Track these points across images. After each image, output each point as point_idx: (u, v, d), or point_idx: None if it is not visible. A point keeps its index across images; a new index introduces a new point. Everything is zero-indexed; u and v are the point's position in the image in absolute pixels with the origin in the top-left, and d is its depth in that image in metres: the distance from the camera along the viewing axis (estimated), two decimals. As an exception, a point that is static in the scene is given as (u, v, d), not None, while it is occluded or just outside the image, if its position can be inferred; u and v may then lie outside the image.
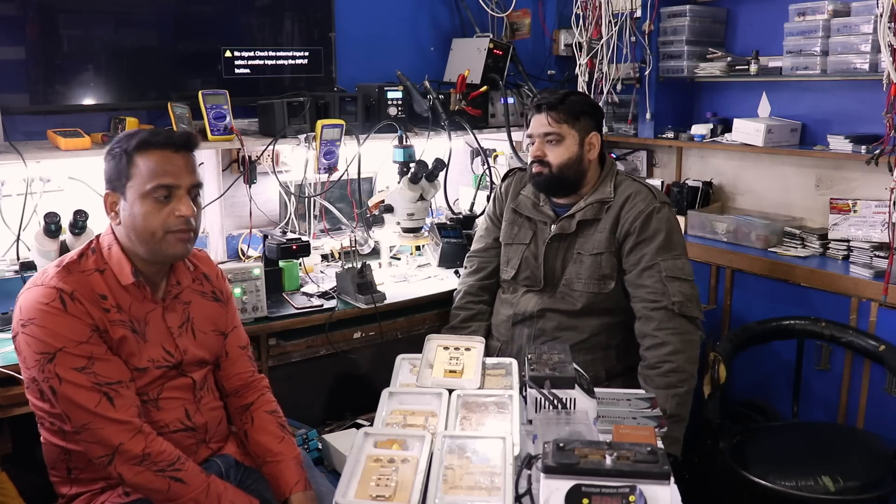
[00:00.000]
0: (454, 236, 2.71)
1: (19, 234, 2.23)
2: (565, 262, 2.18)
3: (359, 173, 2.64)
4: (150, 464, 1.46)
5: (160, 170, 1.49)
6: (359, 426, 1.99)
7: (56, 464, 1.60)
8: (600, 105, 2.68)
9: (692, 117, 3.17)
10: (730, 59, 2.91)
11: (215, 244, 2.67)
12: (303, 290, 2.46)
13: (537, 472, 1.16)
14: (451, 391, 1.62)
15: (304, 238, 2.50)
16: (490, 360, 1.80)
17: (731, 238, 2.85)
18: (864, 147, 2.46)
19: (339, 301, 2.37)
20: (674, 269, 2.06)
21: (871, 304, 2.38)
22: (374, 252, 2.79)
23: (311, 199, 2.74)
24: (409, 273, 2.67)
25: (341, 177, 2.61)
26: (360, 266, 2.38)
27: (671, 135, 3.08)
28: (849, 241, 2.57)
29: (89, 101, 2.37)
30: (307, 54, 2.76)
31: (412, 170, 2.54)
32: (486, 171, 2.91)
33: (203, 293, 1.71)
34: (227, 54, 2.58)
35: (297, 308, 2.28)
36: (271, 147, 2.48)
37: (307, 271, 2.58)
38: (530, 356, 1.53)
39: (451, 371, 1.71)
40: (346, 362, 2.38)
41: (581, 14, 3.10)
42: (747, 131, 2.78)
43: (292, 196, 2.72)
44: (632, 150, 3.37)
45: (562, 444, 1.15)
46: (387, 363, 1.82)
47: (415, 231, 2.63)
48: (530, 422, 1.44)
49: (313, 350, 2.28)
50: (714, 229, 2.90)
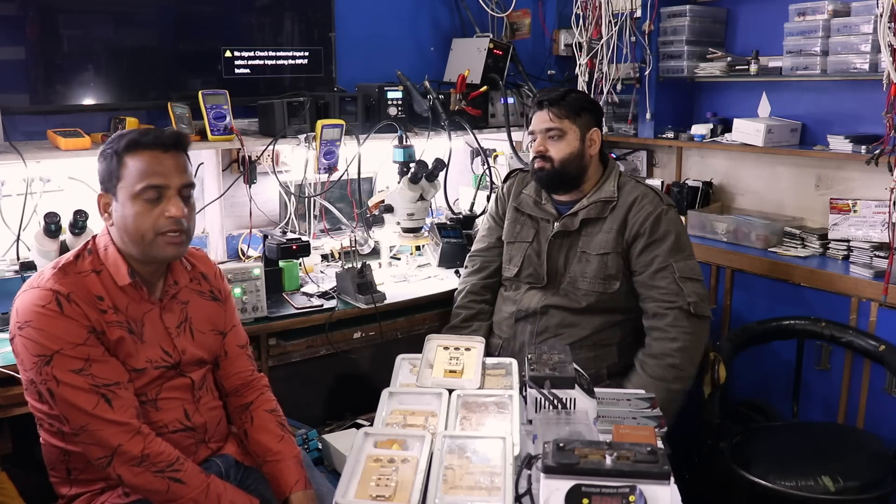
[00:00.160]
0: (454, 236, 2.71)
1: (19, 234, 2.23)
2: (568, 259, 2.19)
3: (359, 173, 2.64)
4: (150, 465, 1.46)
5: (149, 170, 1.49)
6: (359, 426, 2.00)
7: (56, 465, 1.59)
8: (600, 104, 2.69)
9: (692, 117, 3.17)
10: (730, 59, 2.91)
11: (215, 244, 2.67)
12: (303, 290, 2.46)
13: (537, 472, 1.16)
14: (451, 391, 1.62)
15: (304, 238, 2.50)
16: (490, 360, 1.80)
17: (731, 238, 2.85)
18: (864, 147, 2.46)
19: (339, 301, 2.37)
20: (686, 269, 2.10)
21: (871, 304, 2.38)
22: (374, 252, 2.79)
23: (311, 199, 2.74)
24: (409, 273, 2.67)
25: (341, 177, 2.61)
26: (360, 266, 2.38)
27: (671, 135, 3.08)
28: (849, 241, 2.57)
29: (89, 101, 2.38)
30: (307, 54, 2.76)
31: (412, 170, 2.54)
32: (486, 171, 2.91)
33: (201, 292, 1.71)
34: (227, 54, 2.58)
35: (297, 308, 2.28)
36: (271, 147, 2.48)
37: (307, 271, 2.58)
38: (530, 356, 1.53)
39: (451, 371, 1.71)
40: (346, 362, 2.38)
41: (581, 14, 3.10)
42: (747, 131, 2.78)
43: (292, 196, 2.72)
44: (632, 150, 3.37)
45: (562, 444, 1.15)
46: (387, 363, 1.82)
47: (415, 231, 2.63)
48: (530, 422, 1.44)
49: (313, 350, 2.28)
50: (714, 229, 2.90)
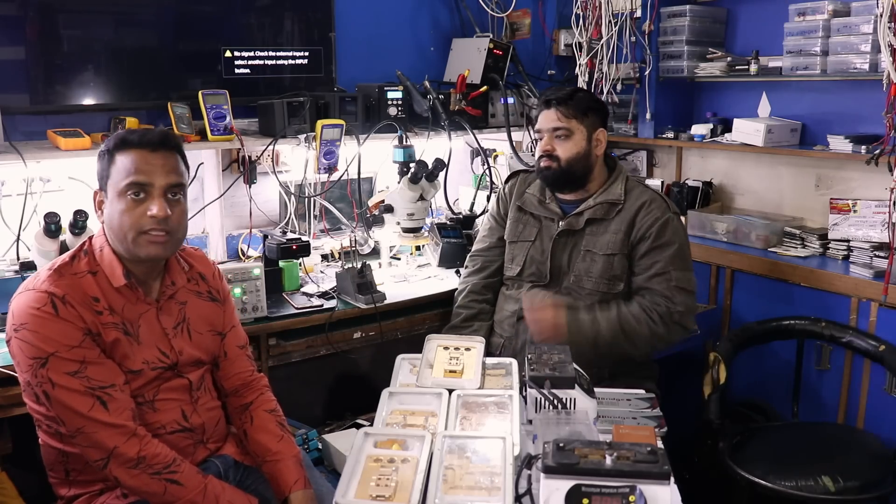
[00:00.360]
0: (454, 236, 2.71)
1: (19, 234, 2.23)
2: (572, 258, 2.20)
3: (359, 173, 2.64)
4: (146, 467, 1.46)
5: (134, 168, 1.49)
6: (359, 426, 1.99)
7: (54, 466, 1.59)
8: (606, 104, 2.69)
9: (692, 117, 3.17)
10: (730, 59, 2.91)
11: (215, 244, 2.67)
12: (303, 290, 2.46)
13: (537, 472, 1.16)
14: (451, 391, 1.62)
15: (304, 238, 2.50)
16: (490, 360, 1.81)
17: (731, 238, 2.85)
18: (864, 147, 2.46)
19: (339, 301, 2.37)
20: (683, 280, 2.12)
21: (871, 304, 2.38)
22: (374, 252, 2.79)
23: (311, 199, 2.74)
24: (409, 273, 2.67)
25: (341, 177, 2.61)
26: (360, 266, 2.38)
27: (671, 135, 3.08)
28: (849, 241, 2.57)
29: (89, 101, 2.37)
30: (307, 54, 2.76)
31: (412, 170, 2.54)
32: (486, 171, 2.91)
33: (198, 293, 1.70)
34: (227, 54, 2.58)
35: (297, 308, 2.28)
36: (271, 147, 2.48)
37: (307, 271, 2.58)
38: (530, 356, 1.53)
39: (451, 371, 1.71)
40: (346, 362, 2.38)
41: (581, 14, 3.10)
42: (747, 131, 2.78)
43: (292, 196, 2.72)
44: (632, 150, 3.37)
45: (562, 444, 1.15)
46: (387, 363, 1.82)
47: (415, 231, 2.63)
48: (530, 422, 1.44)
49: (313, 350, 2.28)
50: (714, 229, 2.90)
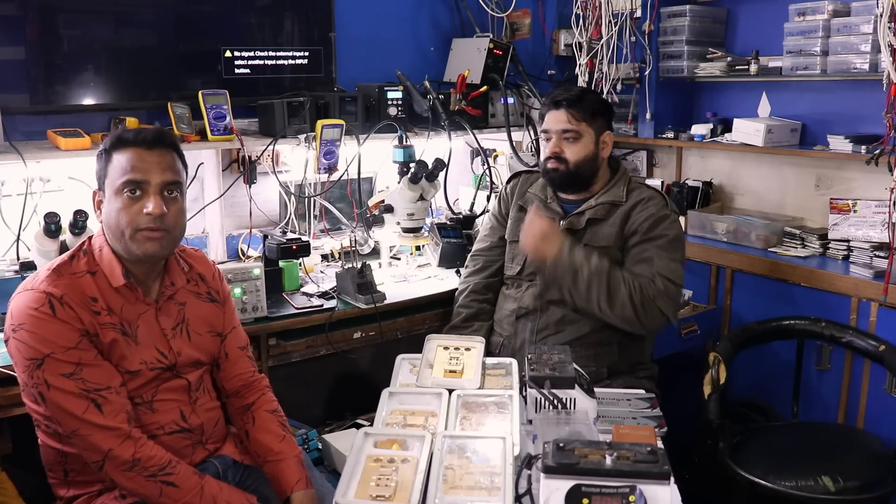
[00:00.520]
0: (454, 236, 2.71)
1: (19, 234, 2.23)
2: None
3: (359, 173, 2.64)
4: (141, 469, 1.46)
5: (129, 166, 1.50)
6: (359, 426, 2.00)
7: (53, 466, 1.59)
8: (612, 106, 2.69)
9: (692, 117, 3.17)
10: (730, 59, 2.91)
11: (215, 244, 2.67)
12: (303, 290, 2.46)
13: (537, 472, 1.16)
14: (451, 391, 1.62)
15: (304, 238, 2.50)
16: (490, 360, 1.81)
17: (731, 238, 2.85)
18: (864, 147, 2.46)
19: (339, 301, 2.37)
20: (668, 269, 2.09)
21: (871, 304, 2.38)
22: (374, 252, 2.79)
23: (311, 199, 2.74)
24: (409, 273, 2.67)
25: (341, 177, 2.61)
26: (360, 266, 2.38)
27: (671, 135, 3.08)
28: (849, 241, 2.57)
29: (89, 101, 2.37)
30: (307, 54, 2.76)
31: (412, 170, 2.54)
32: (486, 171, 2.91)
33: (198, 294, 1.70)
34: (227, 54, 2.58)
35: (297, 308, 2.28)
36: (271, 147, 2.47)
37: (307, 271, 2.58)
38: (530, 356, 1.53)
39: (451, 371, 1.71)
40: (346, 362, 2.38)
41: (581, 14, 3.10)
42: (747, 131, 2.78)
43: (292, 196, 2.72)
44: (632, 150, 3.37)
45: (562, 444, 1.15)
46: (387, 363, 1.82)
47: (415, 231, 2.62)
48: (530, 422, 1.44)
49: (313, 350, 2.28)
50: (714, 229, 2.90)
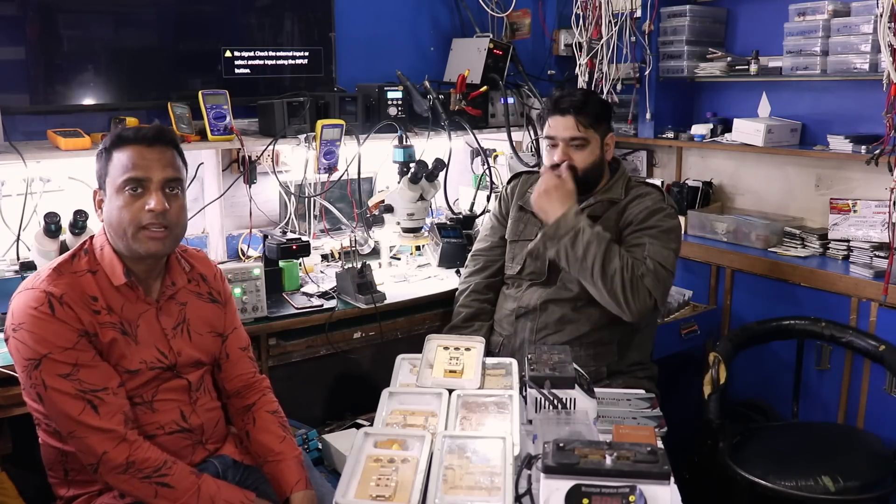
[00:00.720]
0: (454, 236, 2.71)
1: (19, 234, 2.23)
2: None
3: (359, 173, 2.64)
4: (135, 471, 1.46)
5: (130, 164, 1.50)
6: (359, 426, 2.00)
7: (53, 465, 1.59)
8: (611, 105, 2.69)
9: (692, 117, 3.17)
10: (730, 59, 2.91)
11: (215, 244, 2.67)
12: (303, 290, 2.46)
13: (537, 472, 1.16)
14: (451, 391, 1.62)
15: (304, 238, 2.50)
16: (490, 360, 1.81)
17: (731, 238, 2.85)
18: (864, 147, 2.46)
19: (339, 301, 2.37)
20: (658, 254, 2.07)
21: (871, 304, 2.38)
22: (374, 252, 2.79)
23: (311, 199, 2.74)
24: (409, 273, 2.67)
25: (341, 177, 2.61)
26: (360, 266, 2.38)
27: (671, 135, 3.08)
28: (849, 241, 2.57)
29: (89, 101, 2.37)
30: (307, 54, 2.76)
31: (412, 170, 2.54)
32: (486, 171, 2.91)
33: (199, 294, 1.70)
34: (227, 54, 2.58)
35: (297, 308, 2.28)
36: (271, 147, 2.47)
37: (307, 271, 2.58)
38: (530, 356, 1.53)
39: (451, 371, 1.71)
40: (346, 362, 2.38)
41: (581, 14, 3.10)
42: (747, 131, 2.78)
43: (292, 196, 2.72)
44: (632, 150, 3.37)
45: (562, 444, 1.15)
46: (387, 363, 1.82)
47: (415, 231, 2.62)
48: (530, 422, 1.45)
49: (313, 350, 2.28)
50: (714, 229, 2.90)
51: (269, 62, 2.68)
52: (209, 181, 2.62)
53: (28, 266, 2.15)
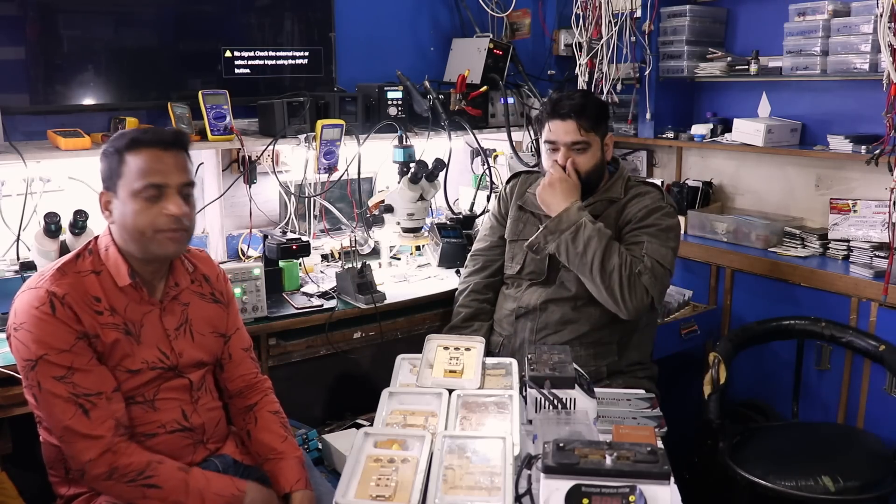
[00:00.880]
0: (454, 236, 2.71)
1: (19, 234, 2.23)
2: None
3: (359, 173, 2.64)
4: (119, 477, 1.45)
5: (149, 168, 1.49)
6: (359, 426, 1.99)
7: (54, 464, 1.59)
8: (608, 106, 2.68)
9: (692, 117, 3.17)
10: (730, 59, 2.91)
11: (215, 244, 2.67)
12: (303, 290, 2.46)
13: (537, 472, 1.16)
14: (451, 391, 1.62)
15: (304, 238, 2.50)
16: (490, 360, 1.81)
17: (731, 238, 2.85)
18: (864, 147, 2.46)
19: (339, 301, 2.37)
20: (657, 252, 2.08)
21: (871, 304, 2.38)
22: (374, 252, 2.79)
23: (311, 199, 2.74)
24: (409, 273, 2.67)
25: (341, 177, 2.61)
26: (360, 266, 2.38)
27: (671, 135, 3.08)
28: (849, 241, 2.57)
29: (89, 101, 2.37)
30: (307, 54, 2.76)
31: (412, 170, 2.54)
32: (486, 171, 2.91)
33: (202, 295, 1.70)
34: (227, 54, 2.58)
35: (297, 308, 2.28)
36: (271, 147, 2.47)
37: (307, 271, 2.58)
38: (530, 356, 1.53)
39: (451, 371, 1.72)
40: (346, 362, 2.38)
41: (581, 14, 3.10)
42: (747, 131, 2.78)
43: (292, 196, 2.72)
44: (632, 150, 3.37)
45: (562, 444, 1.15)
46: (387, 363, 1.82)
47: (415, 231, 2.62)
48: (530, 422, 1.45)
49: (313, 350, 2.28)
50: (714, 229, 2.90)
51: (269, 62, 2.68)
52: (209, 181, 2.62)
53: (28, 266, 2.15)
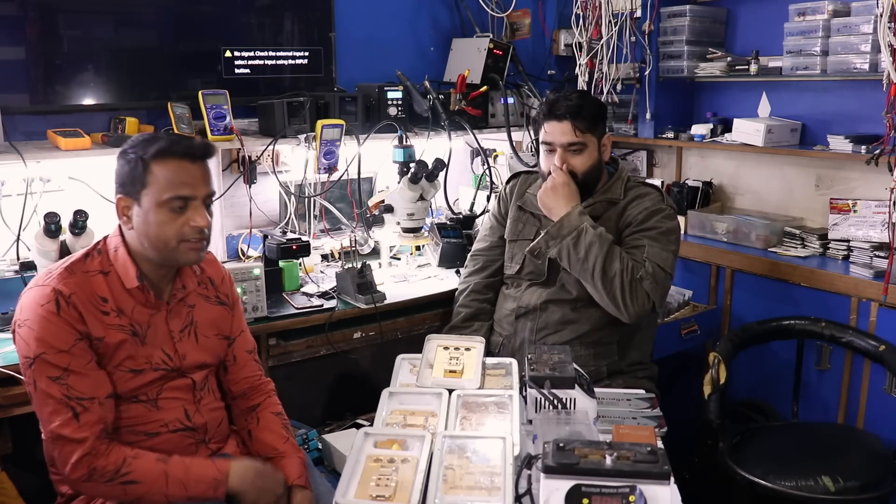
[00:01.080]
0: (454, 236, 2.71)
1: (19, 234, 2.23)
2: None
3: (359, 173, 2.64)
4: (98, 478, 1.44)
5: (177, 180, 1.49)
6: (359, 426, 1.99)
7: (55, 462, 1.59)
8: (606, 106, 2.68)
9: (692, 117, 3.17)
10: (730, 59, 2.91)
11: (215, 244, 2.66)
12: (303, 290, 2.46)
13: (537, 472, 1.16)
14: (451, 391, 1.62)
15: (304, 238, 2.50)
16: (490, 360, 1.81)
17: (731, 238, 2.85)
18: (864, 147, 2.47)
19: (339, 301, 2.37)
20: (658, 256, 2.08)
21: (871, 304, 2.38)
22: (374, 252, 2.79)
23: (311, 199, 2.74)
24: (409, 273, 2.67)
25: (341, 177, 2.61)
26: (360, 266, 2.38)
27: (671, 135, 3.08)
28: (849, 241, 2.57)
29: (89, 101, 2.38)
30: (307, 54, 2.76)
31: (412, 170, 2.54)
32: (486, 171, 2.91)
33: (207, 297, 1.70)
34: (227, 54, 2.58)
35: (297, 308, 2.28)
36: (271, 147, 2.47)
37: (307, 271, 2.58)
38: (530, 356, 1.53)
39: (451, 371, 1.72)
40: (346, 362, 2.38)
41: (581, 14, 3.10)
42: (747, 131, 2.78)
43: (292, 196, 2.72)
44: (632, 150, 3.37)
45: (562, 444, 1.15)
46: (387, 363, 1.82)
47: (415, 231, 2.62)
48: (530, 422, 1.45)
49: (313, 350, 2.28)
50: (714, 229, 2.90)
51: (269, 62, 2.68)
52: (209, 181, 2.62)
53: (28, 266, 2.15)
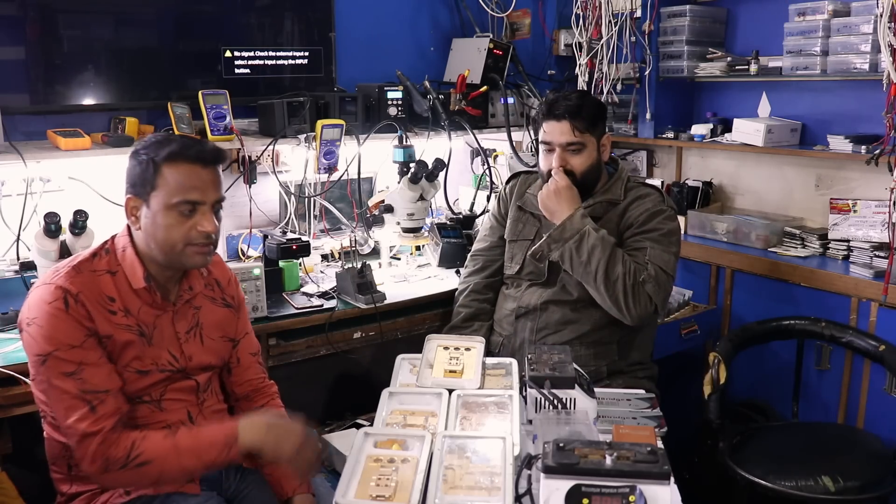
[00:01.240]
0: (454, 236, 2.71)
1: (19, 234, 2.23)
2: None
3: (359, 173, 2.64)
4: (113, 466, 1.44)
5: (187, 184, 1.49)
6: (359, 426, 1.99)
7: (57, 460, 1.59)
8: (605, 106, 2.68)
9: (692, 117, 3.17)
10: (730, 59, 2.91)
11: (215, 244, 2.67)
12: (303, 290, 2.46)
13: (537, 472, 1.16)
14: (451, 391, 1.62)
15: (304, 238, 2.50)
16: (490, 360, 1.81)
17: (731, 238, 2.85)
18: (864, 147, 2.47)
19: (339, 301, 2.37)
20: (660, 258, 2.08)
21: (871, 304, 2.38)
22: (374, 252, 2.79)
23: (311, 199, 2.74)
24: (409, 273, 2.67)
25: (341, 177, 2.61)
26: (360, 266, 2.38)
27: (671, 135, 3.08)
28: (849, 241, 2.57)
29: (89, 101, 2.38)
30: (307, 54, 2.76)
31: (412, 170, 2.54)
32: (486, 171, 2.91)
33: (213, 299, 1.71)
34: (227, 54, 2.58)
35: (297, 308, 2.28)
36: (271, 147, 2.47)
37: (307, 271, 2.58)
38: (530, 356, 1.53)
39: (451, 371, 1.72)
40: (346, 362, 2.38)
41: (581, 14, 3.10)
42: (747, 131, 2.78)
43: (292, 196, 2.72)
44: (632, 150, 3.37)
45: (562, 444, 1.15)
46: (387, 363, 1.82)
47: (415, 231, 2.62)
48: (530, 422, 1.45)
49: (313, 350, 2.28)
50: (714, 229, 2.90)
51: (269, 62, 2.68)
52: (209, 181, 2.62)
53: (28, 266, 2.15)
